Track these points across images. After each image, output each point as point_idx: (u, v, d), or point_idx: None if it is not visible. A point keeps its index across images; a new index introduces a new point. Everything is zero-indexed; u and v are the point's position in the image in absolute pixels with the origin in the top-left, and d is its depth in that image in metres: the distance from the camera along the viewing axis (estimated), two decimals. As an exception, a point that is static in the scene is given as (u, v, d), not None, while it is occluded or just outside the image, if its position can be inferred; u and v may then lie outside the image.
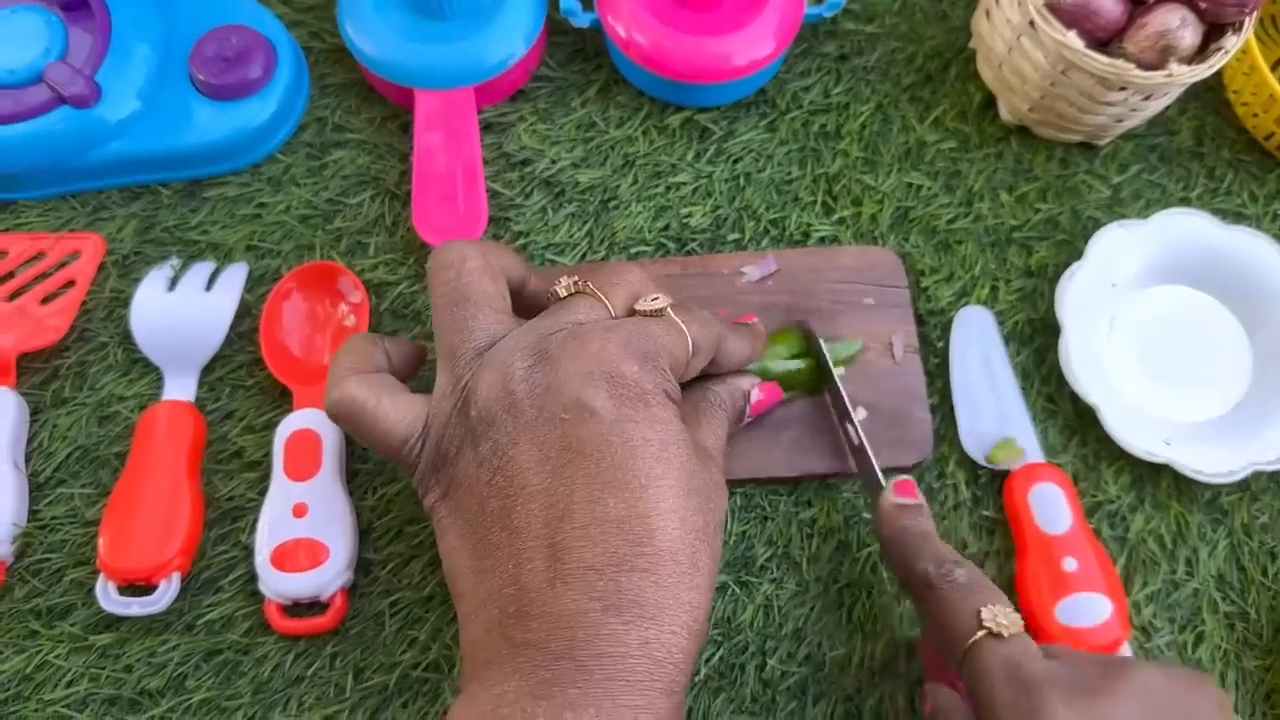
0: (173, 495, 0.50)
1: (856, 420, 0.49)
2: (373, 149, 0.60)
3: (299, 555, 0.48)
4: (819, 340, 0.52)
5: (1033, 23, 0.54)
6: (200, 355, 0.54)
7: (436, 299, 0.42)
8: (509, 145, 0.60)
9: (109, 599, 0.48)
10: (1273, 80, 0.57)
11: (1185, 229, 0.56)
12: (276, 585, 0.48)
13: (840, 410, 0.51)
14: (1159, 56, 0.53)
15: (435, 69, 0.57)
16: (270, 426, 0.53)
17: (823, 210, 0.59)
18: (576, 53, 0.63)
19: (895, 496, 0.45)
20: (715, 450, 0.44)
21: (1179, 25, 0.52)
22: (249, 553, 0.50)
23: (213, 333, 0.54)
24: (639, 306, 0.42)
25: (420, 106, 0.57)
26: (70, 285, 0.55)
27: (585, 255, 0.57)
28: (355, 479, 0.52)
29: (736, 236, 0.58)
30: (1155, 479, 0.53)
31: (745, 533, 0.51)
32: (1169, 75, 0.52)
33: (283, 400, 0.53)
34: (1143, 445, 0.51)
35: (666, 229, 0.58)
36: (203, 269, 0.56)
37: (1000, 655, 0.37)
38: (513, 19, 0.58)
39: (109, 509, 0.50)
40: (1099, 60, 0.52)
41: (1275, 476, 0.53)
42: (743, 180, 0.59)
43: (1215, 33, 0.54)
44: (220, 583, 0.50)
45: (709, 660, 0.49)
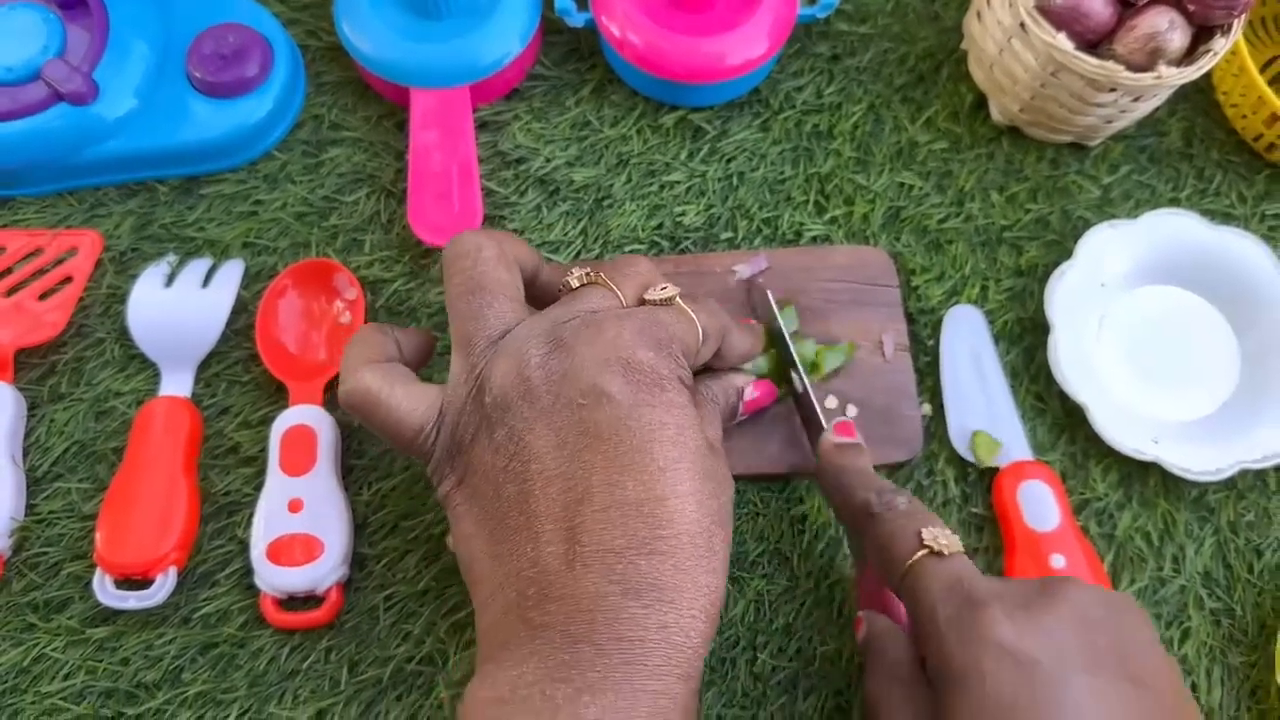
0: (169, 490, 0.50)
1: (808, 381, 0.50)
2: (368, 147, 0.60)
3: (294, 550, 0.49)
4: (770, 299, 0.52)
5: (1023, 24, 0.54)
6: (197, 351, 0.54)
7: (452, 287, 0.42)
8: (504, 144, 0.60)
9: (106, 593, 0.49)
10: (1261, 82, 0.57)
11: (1174, 229, 0.57)
12: (272, 579, 0.48)
13: (785, 359, 0.51)
14: (1148, 58, 0.53)
15: (431, 67, 0.58)
16: (266, 422, 0.53)
17: (815, 210, 0.59)
18: (571, 52, 0.63)
19: (835, 436, 0.45)
20: (716, 442, 0.45)
21: (1168, 27, 0.52)
22: (245, 547, 0.51)
23: (209, 329, 0.54)
24: (649, 296, 0.43)
25: (416, 105, 0.58)
26: (68, 281, 0.55)
27: (579, 253, 0.57)
28: (350, 474, 0.52)
29: (729, 235, 0.58)
30: (1143, 477, 0.54)
31: (737, 528, 0.52)
32: (1158, 77, 0.53)
33: (278, 396, 0.54)
34: (1131, 443, 0.52)
35: (660, 228, 0.58)
36: (199, 266, 0.56)
37: (941, 572, 0.38)
38: (508, 18, 0.58)
39: (106, 503, 0.50)
40: (1089, 62, 0.53)
41: (1262, 475, 0.54)
42: (736, 179, 0.60)
43: (1204, 35, 0.55)
44: (216, 577, 0.51)
45: (700, 655, 0.49)
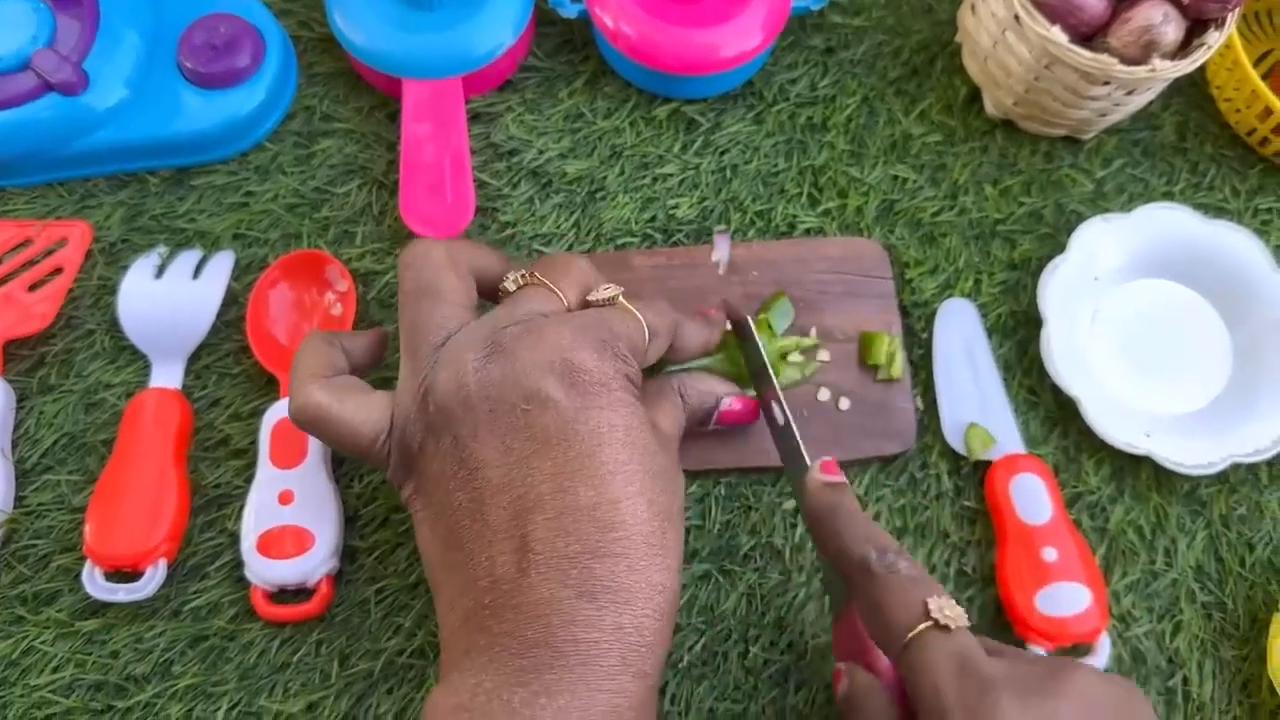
0: (159, 482, 0.50)
1: (784, 400, 0.49)
2: (360, 138, 0.60)
3: (285, 542, 0.49)
4: (749, 325, 0.51)
5: (1017, 17, 0.54)
6: (187, 343, 0.54)
7: (400, 294, 0.43)
8: (496, 135, 0.60)
9: (95, 585, 0.49)
10: (1255, 76, 0.57)
11: (1167, 223, 0.57)
12: (262, 572, 0.48)
13: (766, 390, 0.50)
14: (1142, 52, 0.53)
15: (423, 58, 0.57)
16: (256, 414, 0.53)
17: (808, 202, 0.59)
18: (564, 43, 0.63)
19: (821, 475, 0.45)
20: (669, 431, 0.45)
21: (1162, 21, 0.52)
22: (235, 539, 0.50)
23: (200, 321, 0.54)
24: (592, 297, 0.43)
25: (408, 96, 0.58)
26: (57, 272, 0.55)
27: (572, 246, 0.57)
28: (341, 466, 0.52)
29: (723, 228, 0.58)
30: (1135, 470, 0.54)
31: (729, 522, 0.52)
32: (1152, 70, 0.53)
33: (269, 388, 0.54)
34: (1123, 437, 0.52)
35: (653, 220, 0.58)
36: (190, 257, 0.56)
37: (948, 649, 0.36)
38: (501, 9, 0.58)
39: (95, 496, 0.50)
40: (1083, 55, 0.53)
41: (1254, 469, 0.54)
42: (729, 172, 0.60)
43: (1198, 28, 0.55)
44: (206, 569, 0.50)
45: (691, 648, 0.49)
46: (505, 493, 0.38)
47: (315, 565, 0.48)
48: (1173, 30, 0.53)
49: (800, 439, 0.47)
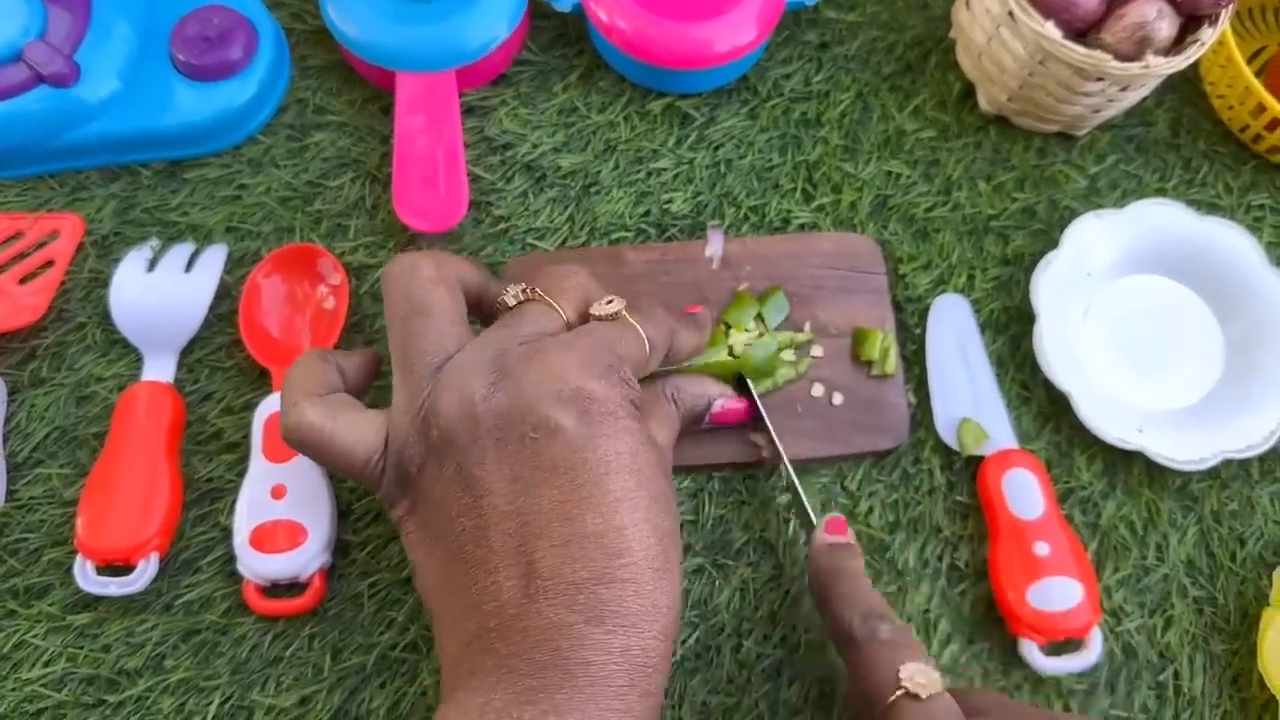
0: (151, 476, 0.50)
1: (788, 463, 0.49)
2: (353, 131, 0.60)
3: (278, 536, 0.49)
4: (751, 387, 0.51)
5: (1011, 13, 0.54)
6: (179, 336, 0.54)
7: (389, 311, 0.42)
8: (490, 129, 0.60)
9: (87, 579, 0.48)
10: (1248, 73, 0.57)
11: (1160, 219, 0.57)
12: (255, 566, 0.48)
13: (771, 451, 0.51)
14: (1136, 48, 0.53)
15: (417, 51, 0.57)
16: (249, 408, 0.53)
17: (803, 197, 0.59)
18: (559, 37, 0.63)
19: (827, 536, 0.45)
20: (665, 445, 0.44)
21: (1156, 17, 0.52)
22: (227, 534, 0.50)
23: (192, 314, 0.54)
24: (594, 311, 0.42)
25: (401, 89, 0.57)
26: (49, 265, 0.55)
27: (566, 240, 0.57)
28: (334, 461, 0.52)
29: (717, 223, 0.58)
30: (1127, 466, 0.54)
31: (723, 516, 0.52)
32: (1146, 66, 0.53)
33: (261, 382, 0.53)
34: (1115, 432, 0.52)
35: (647, 215, 0.58)
36: (182, 250, 0.56)
37: (919, 717, 0.36)
38: (495, 2, 0.58)
39: (87, 489, 0.49)
40: (1077, 51, 0.53)
41: (1245, 464, 0.54)
42: (723, 167, 0.59)
43: (1192, 25, 0.55)
44: (199, 563, 0.50)
45: (685, 642, 0.49)
46: (511, 519, 0.38)
47: (308, 560, 0.48)
48: (1166, 26, 0.53)
49: (804, 497, 0.48)
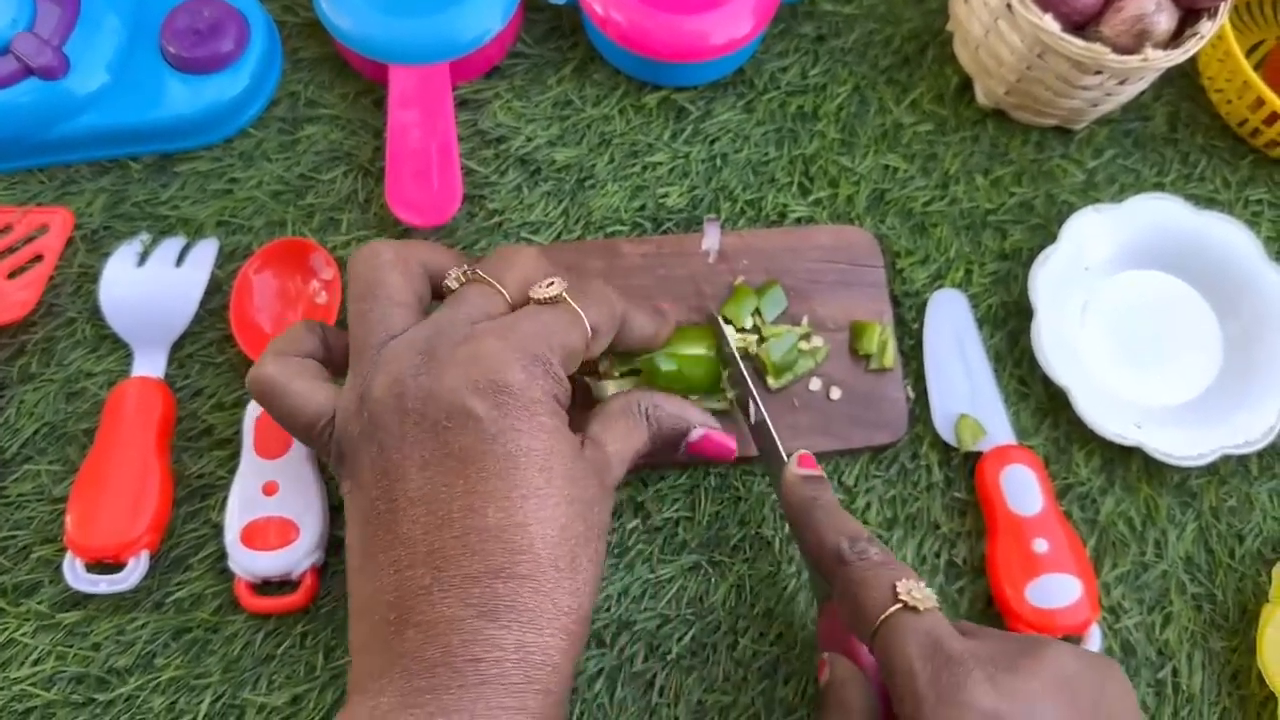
0: (142, 472, 0.49)
1: (758, 397, 0.48)
2: (346, 124, 0.59)
3: (269, 533, 0.48)
4: (720, 324, 0.51)
5: (1010, 6, 0.54)
6: (170, 332, 0.53)
7: (349, 294, 0.42)
8: (484, 122, 0.59)
9: (77, 577, 0.48)
10: (1247, 66, 0.57)
11: (1158, 214, 0.57)
12: (246, 563, 0.48)
13: (740, 389, 0.50)
14: (1135, 41, 0.53)
15: (410, 44, 0.57)
16: (240, 404, 0.52)
17: (799, 191, 0.59)
18: (553, 29, 0.62)
19: (799, 469, 0.45)
20: (616, 456, 0.43)
21: (1155, 10, 0.52)
22: (219, 531, 0.50)
23: (183, 309, 0.53)
24: (534, 294, 0.42)
25: (394, 82, 0.57)
26: (38, 260, 0.54)
27: (560, 234, 0.57)
28: (327, 457, 0.52)
29: (713, 217, 0.58)
30: (1125, 462, 0.53)
31: (719, 513, 0.51)
32: (1144, 60, 0.52)
33: (254, 377, 0.53)
34: (1113, 428, 0.52)
35: (643, 209, 0.58)
36: (173, 244, 0.55)
37: (918, 629, 0.36)
38: (489, -5, 0.57)
39: (77, 486, 0.49)
40: (1075, 44, 0.52)
41: (1243, 460, 0.54)
42: (719, 160, 0.59)
43: (1190, 18, 0.55)
44: (190, 561, 0.50)
45: (681, 640, 0.49)
46: (419, 506, 0.38)
47: (300, 557, 0.48)
48: (1165, 20, 0.53)
49: (776, 433, 0.47)
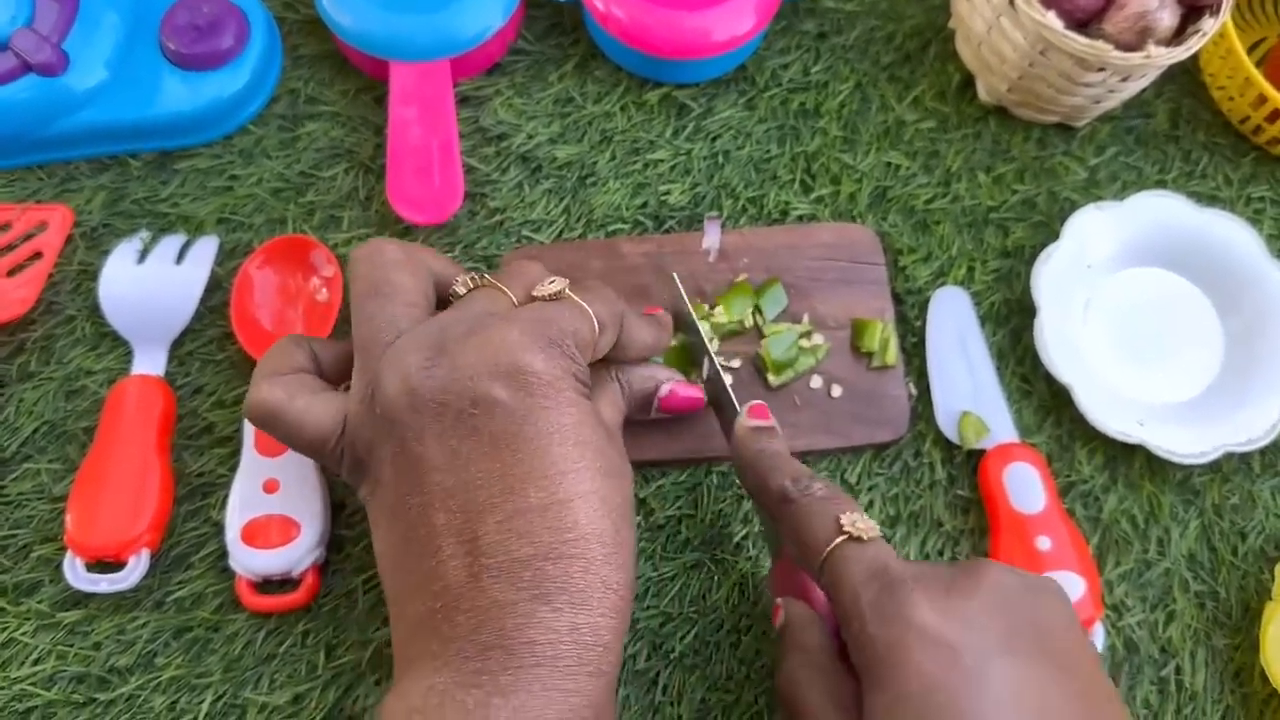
0: (142, 471, 0.49)
1: (715, 356, 0.48)
2: (346, 121, 0.59)
3: (270, 531, 0.48)
4: (676, 281, 0.50)
5: (1012, 3, 0.54)
6: (170, 329, 0.53)
7: (352, 292, 0.42)
8: (485, 119, 0.59)
9: (77, 576, 0.48)
10: (1249, 63, 0.57)
11: (1160, 211, 0.57)
12: (247, 562, 0.48)
13: (696, 346, 0.50)
14: (1137, 38, 0.53)
15: (411, 41, 0.57)
16: (241, 401, 0.52)
17: (801, 189, 0.59)
18: (554, 26, 0.62)
19: (750, 420, 0.45)
20: (613, 426, 0.44)
21: (1157, 7, 0.52)
22: (219, 529, 0.50)
23: (183, 306, 0.53)
24: (536, 292, 0.42)
25: (395, 79, 0.57)
26: (37, 257, 0.54)
27: (562, 232, 0.57)
28: (328, 455, 0.52)
29: (714, 215, 0.57)
30: (1128, 459, 0.53)
31: (721, 511, 0.51)
32: (1147, 57, 0.52)
33: (254, 375, 0.53)
34: (1116, 426, 0.52)
35: (644, 206, 0.57)
36: (173, 242, 0.55)
37: (862, 557, 0.37)
38: (490, -9, 0.57)
39: (77, 485, 0.49)
40: (1078, 41, 0.52)
41: (1246, 458, 0.54)
42: (721, 158, 0.59)
43: (1193, 15, 0.54)
44: (190, 559, 0.50)
45: (683, 638, 0.49)
46: (455, 497, 0.37)
47: (301, 555, 0.48)
48: (1168, 16, 0.53)
49: (731, 388, 0.47)
